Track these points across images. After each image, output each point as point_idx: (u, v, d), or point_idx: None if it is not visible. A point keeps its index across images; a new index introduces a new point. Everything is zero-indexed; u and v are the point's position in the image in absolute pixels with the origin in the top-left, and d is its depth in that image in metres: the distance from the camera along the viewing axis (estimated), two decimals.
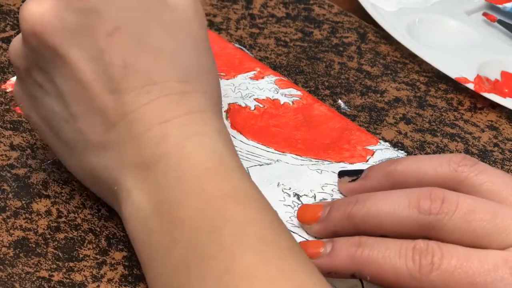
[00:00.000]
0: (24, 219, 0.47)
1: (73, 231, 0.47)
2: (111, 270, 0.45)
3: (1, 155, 0.51)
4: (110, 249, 0.46)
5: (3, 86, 0.56)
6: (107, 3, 0.43)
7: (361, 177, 0.47)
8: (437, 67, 0.60)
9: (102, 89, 0.43)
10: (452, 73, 0.59)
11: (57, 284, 0.44)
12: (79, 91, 0.43)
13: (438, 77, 0.61)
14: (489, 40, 0.64)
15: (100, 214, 0.48)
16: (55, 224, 0.47)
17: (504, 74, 0.60)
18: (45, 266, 0.45)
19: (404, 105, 0.58)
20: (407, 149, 0.54)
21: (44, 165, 0.50)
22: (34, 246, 0.46)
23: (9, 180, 0.49)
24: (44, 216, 0.47)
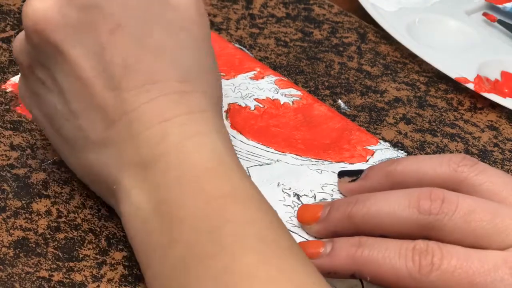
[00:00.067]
0: (24, 219, 0.47)
1: (73, 231, 0.47)
2: (111, 270, 0.45)
3: (1, 155, 0.51)
4: (110, 249, 0.46)
5: (3, 86, 0.56)
6: (110, 0, 0.43)
7: (361, 177, 0.47)
8: (437, 67, 0.60)
9: (102, 87, 0.43)
10: (452, 73, 0.59)
11: (57, 284, 0.44)
12: (79, 88, 0.43)
13: (438, 77, 0.61)
14: (489, 40, 0.64)
15: (100, 214, 0.48)
16: (55, 224, 0.47)
17: (504, 74, 0.60)
18: (45, 266, 0.45)
19: (404, 105, 0.58)
20: (407, 149, 0.54)
21: (44, 165, 0.50)
22: (34, 246, 0.46)
23: (9, 180, 0.49)
24: (44, 216, 0.47)
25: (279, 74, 0.58)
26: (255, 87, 0.56)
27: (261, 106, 0.55)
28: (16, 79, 0.56)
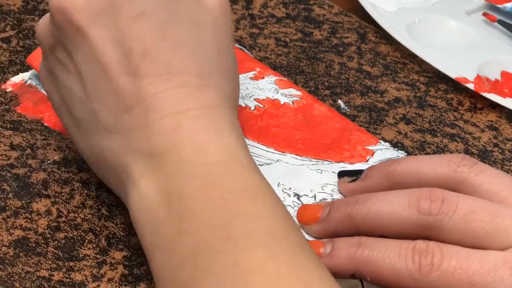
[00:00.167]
0: (24, 218, 0.47)
1: (73, 231, 0.47)
2: (111, 269, 0.45)
3: (1, 155, 0.51)
4: (110, 249, 0.46)
5: (3, 86, 0.56)
6: None
7: (361, 177, 0.47)
8: (437, 67, 0.60)
9: (120, 72, 0.43)
10: (452, 73, 0.59)
11: (57, 283, 0.44)
12: (97, 72, 0.43)
13: (438, 77, 0.61)
14: (489, 40, 0.64)
15: (100, 214, 0.48)
16: (55, 223, 0.47)
17: (504, 74, 0.60)
18: (45, 265, 0.45)
19: (404, 105, 0.58)
20: (407, 149, 0.54)
21: (44, 165, 0.50)
22: (34, 245, 0.46)
23: (9, 180, 0.49)
24: (44, 215, 0.47)
25: (279, 74, 0.58)
26: (255, 87, 0.56)
27: (261, 106, 0.55)
28: (16, 79, 0.56)
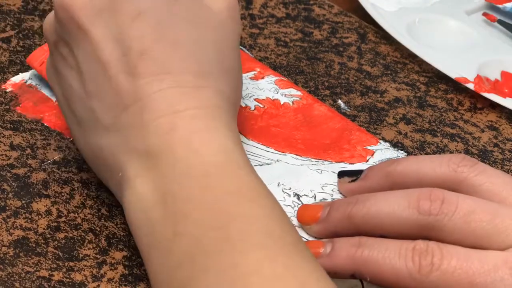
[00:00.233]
0: (24, 218, 0.47)
1: (73, 231, 0.47)
2: (111, 269, 0.45)
3: (1, 155, 0.51)
4: (110, 249, 0.46)
5: (3, 86, 0.56)
6: None
7: (361, 178, 0.47)
8: (437, 67, 0.60)
9: (119, 71, 0.43)
10: (452, 73, 0.59)
11: (57, 283, 0.44)
12: (97, 70, 0.44)
13: (438, 77, 0.61)
14: (489, 40, 0.64)
15: (100, 214, 0.48)
16: (55, 223, 0.47)
17: (504, 74, 0.60)
18: (45, 265, 0.45)
19: (404, 105, 0.58)
20: (407, 149, 0.54)
21: (44, 165, 0.50)
22: (34, 245, 0.46)
23: (9, 180, 0.49)
24: (44, 215, 0.47)
25: (279, 74, 0.58)
26: (255, 87, 0.56)
27: (261, 106, 0.55)
28: (16, 79, 0.56)
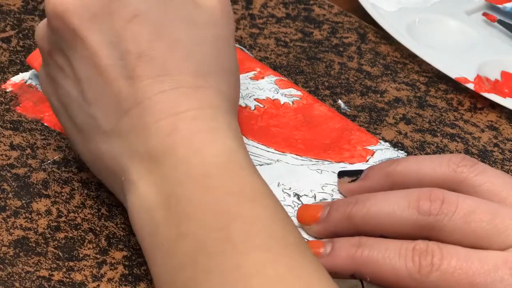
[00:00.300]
0: (24, 218, 0.47)
1: (73, 231, 0.47)
2: (111, 269, 0.45)
3: (1, 155, 0.51)
4: (110, 249, 0.46)
5: (3, 86, 0.56)
6: None
7: (361, 178, 0.47)
8: (437, 67, 0.60)
9: (117, 75, 0.43)
10: (452, 73, 0.59)
11: (57, 283, 0.44)
12: (95, 76, 0.43)
13: (438, 77, 0.61)
14: (489, 40, 0.64)
15: (100, 214, 0.48)
16: (55, 223, 0.47)
17: (504, 74, 0.60)
18: (45, 265, 0.45)
19: (404, 105, 0.58)
20: (407, 149, 0.54)
21: (44, 165, 0.50)
22: (34, 245, 0.46)
23: (9, 179, 0.49)
24: (44, 215, 0.47)
25: (279, 74, 0.58)
26: (255, 87, 0.56)
27: (261, 106, 0.55)
28: (16, 79, 0.56)
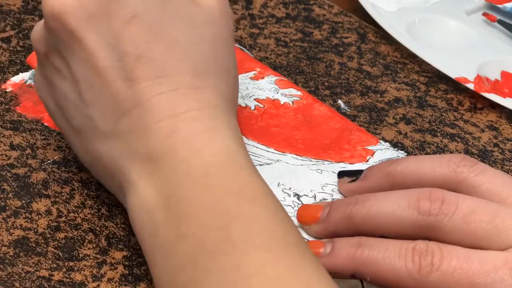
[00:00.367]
0: (24, 218, 0.47)
1: (73, 231, 0.47)
2: (111, 269, 0.45)
3: (1, 155, 0.51)
4: (110, 249, 0.46)
5: (3, 86, 0.56)
6: None
7: (361, 178, 0.47)
8: (437, 67, 0.60)
9: (115, 77, 0.43)
10: (452, 73, 0.59)
11: (57, 283, 0.44)
12: (93, 77, 0.43)
13: (438, 77, 0.61)
14: (489, 40, 0.64)
15: (100, 214, 0.48)
16: (55, 223, 0.47)
17: (504, 74, 0.60)
18: (45, 265, 0.45)
19: (404, 105, 0.58)
20: (407, 149, 0.54)
21: (44, 165, 0.50)
22: (34, 245, 0.46)
23: (9, 179, 0.49)
24: (44, 215, 0.47)
25: (279, 74, 0.58)
26: (255, 87, 0.56)
27: (261, 106, 0.55)
28: (16, 79, 0.56)
